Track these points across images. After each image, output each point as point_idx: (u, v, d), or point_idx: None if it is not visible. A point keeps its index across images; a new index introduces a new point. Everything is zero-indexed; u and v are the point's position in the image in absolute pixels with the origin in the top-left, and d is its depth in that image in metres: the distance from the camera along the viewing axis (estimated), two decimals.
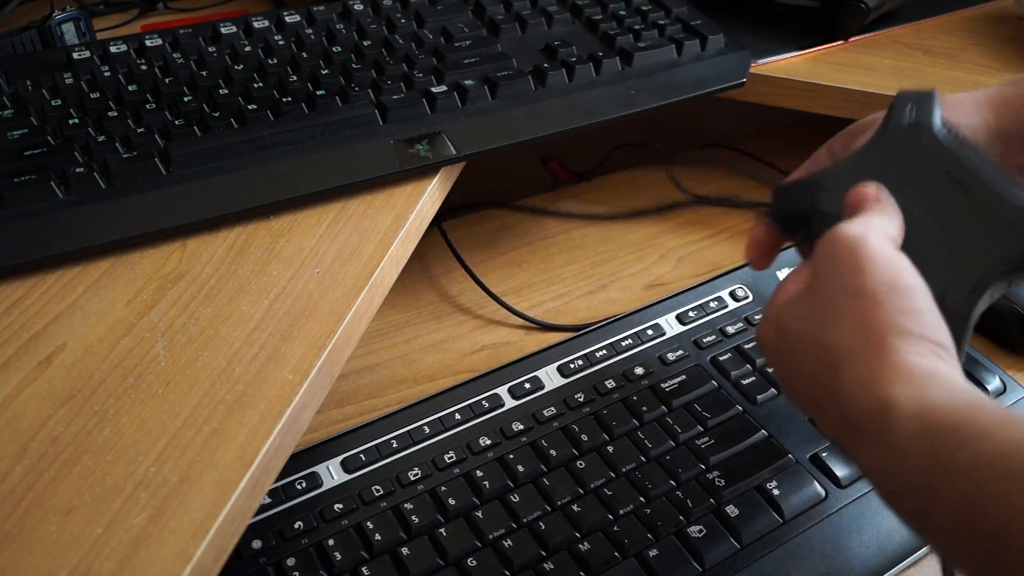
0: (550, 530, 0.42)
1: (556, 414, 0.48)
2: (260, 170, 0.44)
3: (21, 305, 0.39)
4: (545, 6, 0.59)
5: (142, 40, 0.51)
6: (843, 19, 0.62)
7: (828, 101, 0.59)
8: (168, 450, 0.33)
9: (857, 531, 0.44)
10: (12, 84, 0.48)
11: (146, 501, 0.31)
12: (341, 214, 0.45)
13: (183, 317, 0.38)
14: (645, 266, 0.62)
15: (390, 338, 0.56)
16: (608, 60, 0.54)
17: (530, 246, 0.64)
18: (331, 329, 0.38)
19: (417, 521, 0.43)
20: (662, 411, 0.49)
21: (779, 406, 0.50)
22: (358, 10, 0.56)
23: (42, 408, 0.34)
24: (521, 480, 0.45)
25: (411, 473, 0.45)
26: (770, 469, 0.46)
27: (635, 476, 0.45)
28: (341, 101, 0.48)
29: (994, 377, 0.52)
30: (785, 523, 0.44)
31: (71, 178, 0.41)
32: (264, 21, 0.54)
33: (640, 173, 0.72)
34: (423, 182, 0.47)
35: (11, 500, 0.31)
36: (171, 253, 0.42)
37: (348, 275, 0.41)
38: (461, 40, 0.55)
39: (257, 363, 0.37)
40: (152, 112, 0.46)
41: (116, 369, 0.36)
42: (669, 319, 0.55)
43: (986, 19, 0.68)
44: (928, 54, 0.63)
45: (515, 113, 0.50)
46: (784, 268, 0.59)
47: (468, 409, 0.48)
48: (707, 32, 0.58)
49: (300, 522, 0.42)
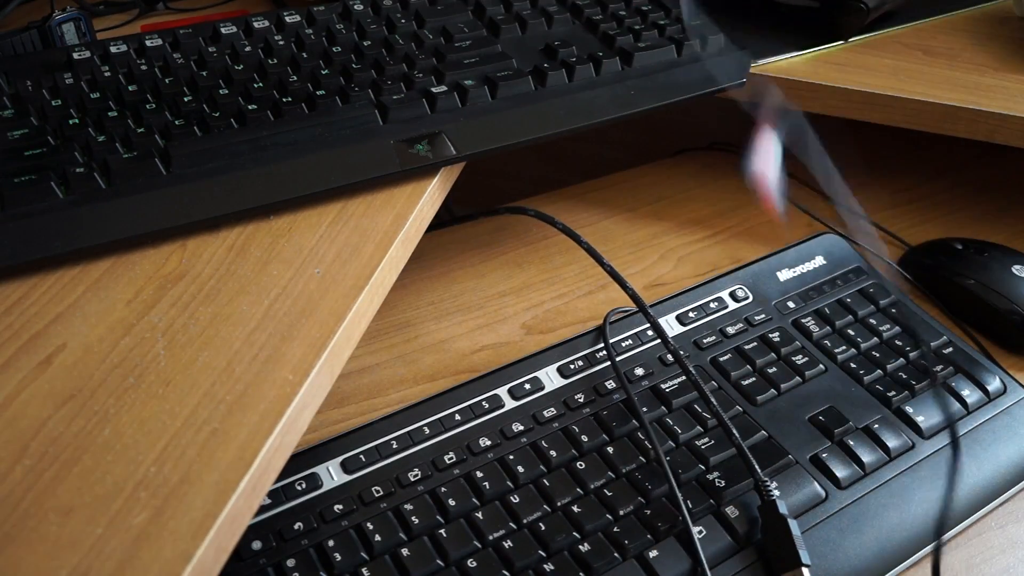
0: (550, 531, 0.42)
1: (556, 415, 0.48)
2: (260, 170, 0.44)
3: (21, 305, 0.39)
4: (545, 6, 0.59)
5: (142, 40, 0.51)
6: (843, 19, 0.62)
7: (828, 101, 0.59)
8: (168, 450, 0.33)
9: (857, 531, 0.44)
10: (12, 84, 0.48)
11: (146, 501, 0.31)
12: (341, 214, 0.45)
13: (183, 317, 0.38)
14: (645, 266, 0.62)
15: (390, 338, 0.56)
16: (608, 60, 0.54)
17: (530, 246, 0.64)
18: (331, 329, 0.38)
19: (417, 522, 0.43)
20: (662, 411, 0.49)
21: (779, 407, 0.50)
22: (358, 10, 0.56)
23: (42, 408, 0.34)
24: (521, 481, 0.45)
25: (411, 474, 0.45)
26: (770, 469, 0.46)
27: (635, 477, 0.45)
28: (341, 101, 0.48)
29: (994, 377, 0.52)
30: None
31: (71, 178, 0.41)
32: (264, 21, 0.54)
33: (640, 173, 0.72)
34: (423, 182, 0.47)
35: (11, 500, 0.31)
36: (171, 253, 0.42)
37: (348, 275, 0.41)
38: (461, 40, 0.55)
39: (257, 363, 0.37)
40: (152, 112, 0.46)
41: (116, 369, 0.36)
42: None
43: (986, 19, 0.68)
44: (928, 54, 0.63)
45: (515, 113, 0.50)
46: (784, 268, 0.59)
47: (468, 410, 0.48)
48: (707, 32, 0.58)
49: (300, 523, 0.42)
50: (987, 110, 0.56)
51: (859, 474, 0.46)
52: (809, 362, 0.53)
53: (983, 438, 0.49)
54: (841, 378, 0.52)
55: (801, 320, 0.55)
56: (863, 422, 0.49)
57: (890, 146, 0.76)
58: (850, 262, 0.60)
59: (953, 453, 0.48)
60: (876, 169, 0.73)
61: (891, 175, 0.73)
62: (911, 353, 0.54)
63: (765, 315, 0.56)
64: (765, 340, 0.54)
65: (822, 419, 0.49)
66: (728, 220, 0.67)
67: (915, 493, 0.46)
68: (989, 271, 0.58)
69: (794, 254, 0.60)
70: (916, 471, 0.47)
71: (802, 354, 0.53)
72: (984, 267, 0.58)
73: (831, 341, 0.54)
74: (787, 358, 0.53)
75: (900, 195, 0.71)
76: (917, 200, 0.70)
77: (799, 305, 0.57)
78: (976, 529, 0.47)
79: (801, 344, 0.54)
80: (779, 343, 0.54)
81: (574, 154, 0.85)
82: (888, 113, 0.58)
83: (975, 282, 0.58)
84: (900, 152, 0.76)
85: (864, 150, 0.76)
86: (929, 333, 0.55)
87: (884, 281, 0.59)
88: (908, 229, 0.67)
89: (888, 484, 0.46)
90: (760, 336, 0.54)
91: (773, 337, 0.54)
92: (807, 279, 0.58)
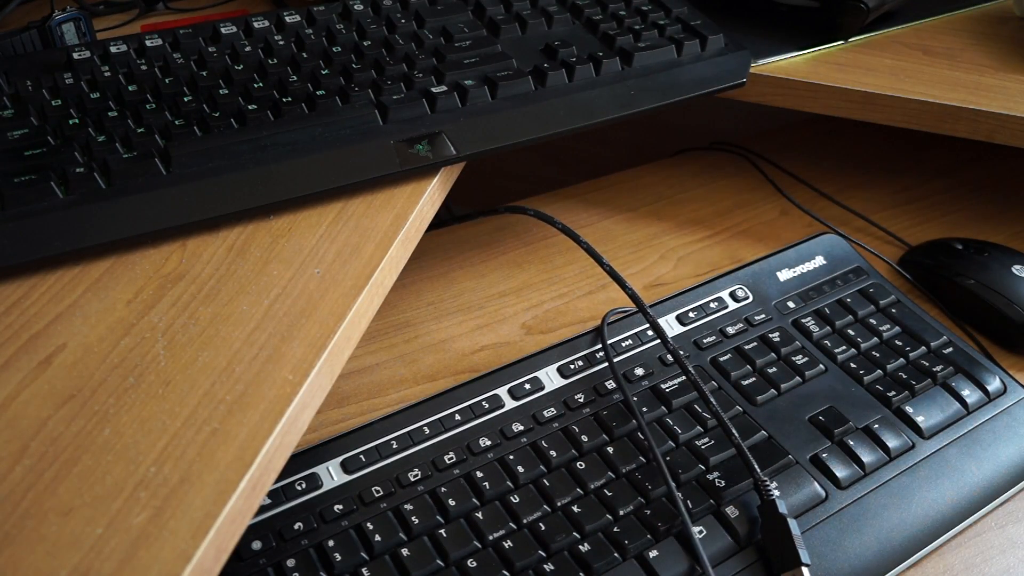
0: (550, 531, 0.42)
1: (556, 415, 0.48)
2: (260, 170, 0.44)
3: (21, 305, 0.39)
4: (545, 6, 0.59)
5: (142, 40, 0.51)
6: (843, 19, 0.62)
7: (828, 101, 0.59)
8: (168, 450, 0.33)
9: (857, 531, 0.44)
10: (12, 84, 0.48)
11: (146, 501, 0.31)
12: (341, 214, 0.45)
13: (183, 317, 0.38)
14: (645, 266, 0.62)
15: (390, 338, 0.56)
16: (608, 60, 0.54)
17: (530, 246, 0.64)
18: (331, 329, 0.38)
19: (417, 522, 0.43)
20: (662, 411, 0.49)
21: (779, 407, 0.50)
22: (358, 10, 0.56)
23: (42, 408, 0.34)
24: (521, 481, 0.45)
25: (411, 474, 0.45)
26: (770, 469, 0.46)
27: (635, 477, 0.45)
28: (341, 101, 0.48)
29: (994, 377, 0.52)
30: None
31: (71, 178, 0.41)
32: (264, 21, 0.54)
33: (640, 173, 0.72)
34: (423, 182, 0.47)
35: (11, 500, 0.31)
36: (171, 253, 0.42)
37: (348, 275, 0.41)
38: (461, 40, 0.55)
39: (257, 363, 0.37)
40: (152, 112, 0.46)
41: (116, 369, 0.36)
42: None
43: (986, 19, 0.68)
44: (928, 54, 0.63)
45: (515, 113, 0.50)
46: (784, 268, 0.59)
47: (468, 410, 0.48)
48: (707, 32, 0.58)
49: (300, 523, 0.42)
50: (987, 110, 0.56)
51: (859, 474, 0.46)
52: (809, 362, 0.53)
53: (983, 438, 0.49)
54: (841, 378, 0.52)
55: (801, 320, 0.55)
56: (863, 422, 0.49)
57: (890, 146, 0.76)
58: (850, 262, 0.60)
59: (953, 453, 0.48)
60: (876, 169, 0.73)
61: (891, 175, 0.73)
62: (911, 353, 0.54)
63: (765, 315, 0.56)
64: (765, 340, 0.54)
65: (822, 419, 0.49)
66: (728, 220, 0.67)
67: (915, 493, 0.46)
68: (989, 271, 0.58)
69: (794, 254, 0.60)
70: (916, 471, 0.47)
71: (802, 354, 0.53)
72: (984, 267, 0.58)
73: (831, 341, 0.54)
74: (787, 358, 0.53)
75: (900, 195, 0.71)
76: (917, 200, 0.70)
77: (799, 305, 0.57)
78: (976, 529, 0.47)
79: (801, 344, 0.54)
80: (779, 343, 0.54)
81: (574, 154, 0.85)
82: (888, 113, 0.58)
83: (975, 282, 0.58)
84: (900, 152, 0.76)
85: (864, 150, 0.76)
86: (929, 333, 0.55)
87: (884, 281, 0.59)
88: (908, 229, 0.67)
89: (888, 484, 0.46)
90: (760, 336, 0.54)
91: (773, 337, 0.54)
92: (807, 279, 0.58)
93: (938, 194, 0.71)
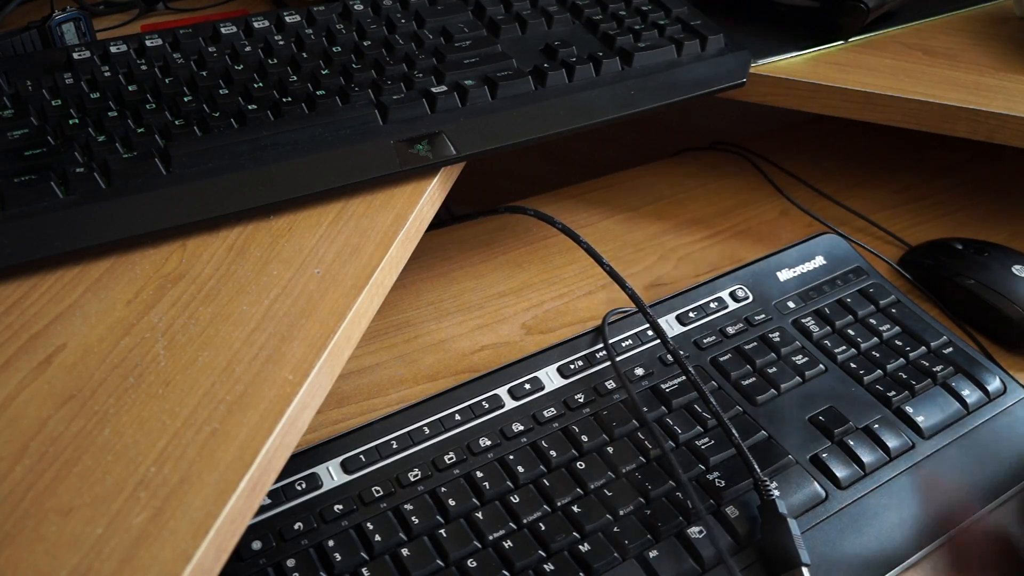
0: (550, 531, 0.42)
1: (556, 415, 0.48)
2: (260, 170, 0.44)
3: (21, 305, 0.39)
4: (545, 6, 0.59)
5: (142, 40, 0.51)
6: (843, 19, 0.62)
7: (828, 101, 0.59)
8: (168, 450, 0.33)
9: (857, 531, 0.44)
10: (12, 84, 0.48)
11: (146, 501, 0.31)
12: (341, 214, 0.45)
13: (183, 317, 0.38)
14: (645, 266, 0.62)
15: (390, 338, 0.56)
16: (608, 60, 0.54)
17: (530, 246, 0.64)
18: (331, 329, 0.38)
19: (417, 522, 0.43)
20: (662, 411, 0.49)
21: (779, 407, 0.50)
22: (358, 10, 0.56)
23: (42, 408, 0.34)
24: (521, 481, 0.45)
25: (411, 474, 0.45)
26: (770, 469, 0.46)
27: (635, 477, 0.45)
28: (341, 101, 0.48)
29: (994, 377, 0.52)
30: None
31: (71, 178, 0.41)
32: (264, 21, 0.54)
33: (640, 173, 0.72)
34: (423, 182, 0.47)
35: (11, 500, 0.31)
36: (171, 253, 0.42)
37: (348, 275, 0.41)
38: (461, 40, 0.55)
39: (257, 363, 0.37)
40: (152, 112, 0.46)
41: (116, 369, 0.36)
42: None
43: (986, 19, 0.68)
44: (928, 54, 0.63)
45: (515, 113, 0.50)
46: (784, 268, 0.59)
47: (468, 410, 0.48)
48: (707, 32, 0.58)
49: (300, 523, 0.42)
50: (987, 110, 0.56)
51: (859, 474, 0.46)
52: (809, 362, 0.53)
53: (983, 438, 0.49)
54: (841, 378, 0.52)
55: (801, 320, 0.55)
56: (863, 422, 0.49)
57: (890, 146, 0.76)
58: (850, 262, 0.60)
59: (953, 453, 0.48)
60: (876, 169, 0.73)
61: (891, 175, 0.73)
62: (911, 353, 0.54)
63: (765, 315, 0.56)
64: (765, 340, 0.54)
65: (822, 419, 0.49)
66: (728, 220, 0.67)
67: (915, 493, 0.46)
68: (989, 271, 0.58)
69: (794, 254, 0.60)
70: (916, 471, 0.47)
71: (802, 354, 0.53)
72: (984, 267, 0.58)
73: (831, 341, 0.54)
74: (787, 358, 0.53)
75: (900, 195, 0.71)
76: (917, 200, 0.70)
77: (799, 305, 0.57)
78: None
79: (801, 344, 0.54)
80: (779, 343, 0.54)
81: (574, 154, 0.85)
82: (888, 113, 0.58)
83: (975, 282, 0.58)
84: (900, 152, 0.76)
85: (864, 150, 0.76)
86: (929, 333, 0.55)
87: (884, 281, 0.59)
88: (908, 229, 0.67)
89: (888, 484, 0.46)
90: (760, 336, 0.54)
91: (773, 337, 0.54)
92: (807, 279, 0.58)
93: (938, 194, 0.71)
